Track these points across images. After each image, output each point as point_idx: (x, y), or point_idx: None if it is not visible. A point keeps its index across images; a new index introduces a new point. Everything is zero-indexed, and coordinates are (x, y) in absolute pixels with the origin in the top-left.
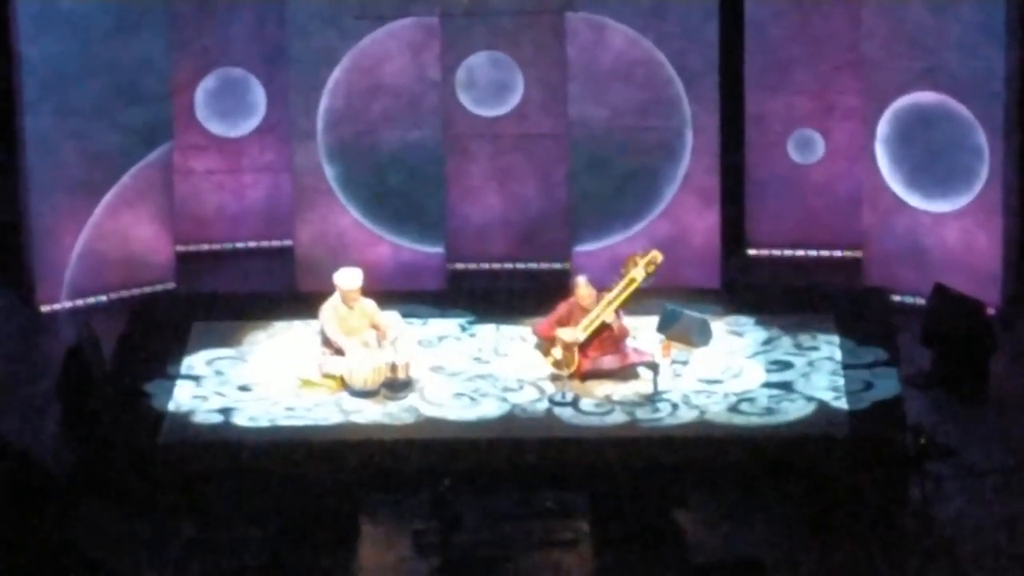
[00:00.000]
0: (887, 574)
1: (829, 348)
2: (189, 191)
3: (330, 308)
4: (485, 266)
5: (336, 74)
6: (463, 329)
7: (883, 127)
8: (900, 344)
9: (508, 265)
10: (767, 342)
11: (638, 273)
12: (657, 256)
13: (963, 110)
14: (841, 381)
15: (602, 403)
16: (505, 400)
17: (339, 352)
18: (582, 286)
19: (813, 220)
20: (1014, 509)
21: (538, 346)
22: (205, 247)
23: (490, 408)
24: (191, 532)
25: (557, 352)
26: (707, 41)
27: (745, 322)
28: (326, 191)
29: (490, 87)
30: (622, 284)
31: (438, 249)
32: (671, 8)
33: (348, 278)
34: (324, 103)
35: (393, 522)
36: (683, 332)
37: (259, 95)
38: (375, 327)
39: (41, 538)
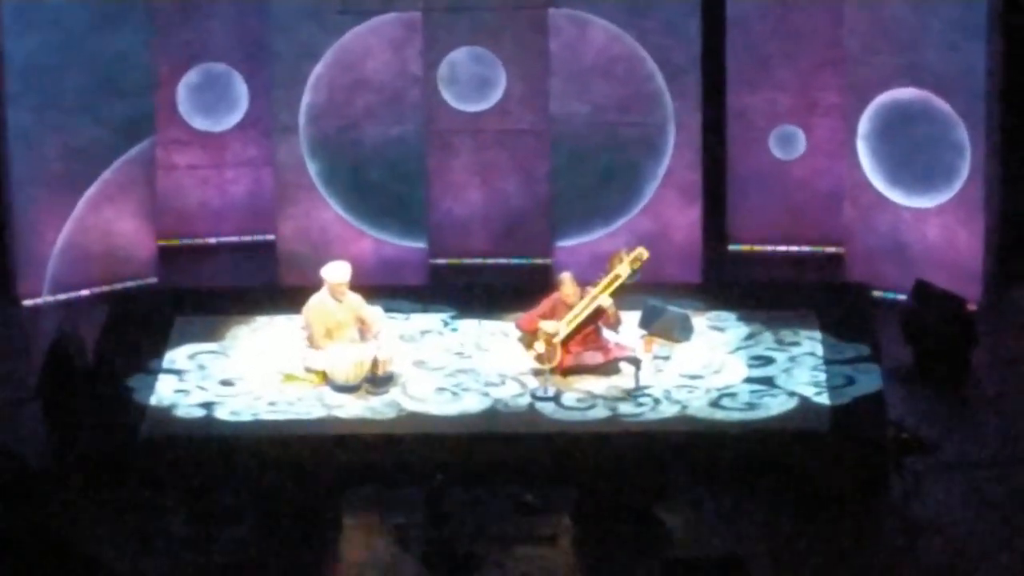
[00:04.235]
0: (867, 568)
1: (811, 344)
2: (171, 186)
3: (316, 305)
4: (467, 261)
5: (318, 69)
6: (445, 324)
7: (864, 123)
8: (881, 340)
9: (490, 260)
10: (749, 337)
11: (623, 269)
12: (643, 253)
13: (944, 106)
14: (823, 376)
15: (584, 398)
16: (487, 395)
17: (319, 347)
18: (567, 282)
19: (795, 216)
20: (994, 504)
21: (521, 339)
22: (187, 242)
23: (472, 403)
24: (172, 527)
25: (539, 346)
26: (689, 37)
27: (727, 318)
28: (308, 186)
29: (472, 82)
30: (607, 280)
31: (420, 244)
32: (653, 4)
33: (336, 271)
34: (306, 98)
35: (375, 516)
36: (665, 328)
37: (241, 90)
38: (361, 322)
39: (22, 533)
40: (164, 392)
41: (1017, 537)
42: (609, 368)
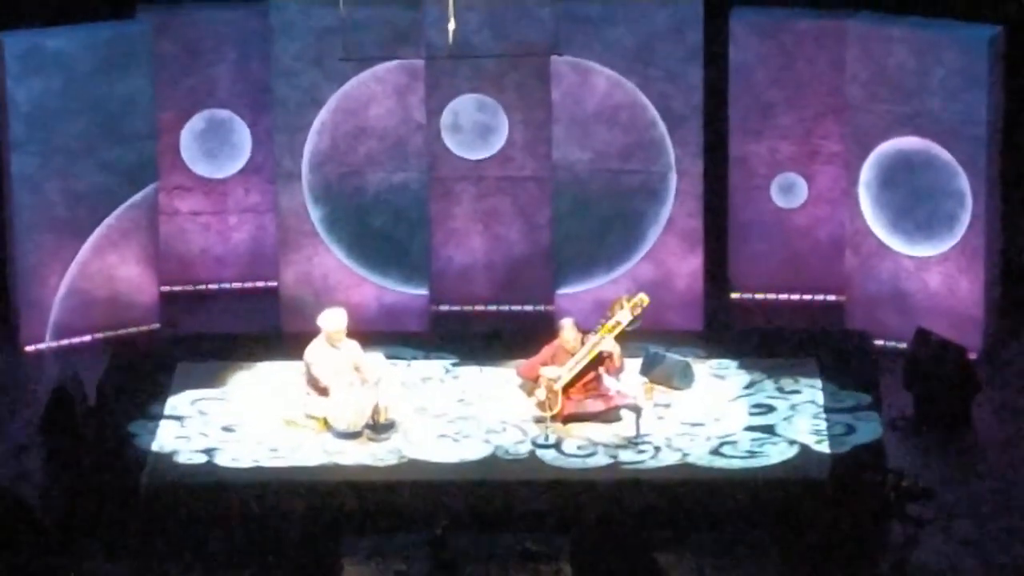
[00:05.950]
0: None
1: (811, 392)
2: (174, 232)
3: (316, 349)
4: (469, 308)
5: (321, 116)
6: (446, 371)
7: (866, 172)
8: (882, 388)
9: (492, 307)
10: (749, 385)
11: (624, 316)
12: (644, 299)
13: (946, 155)
14: (823, 425)
15: (585, 445)
16: (488, 442)
17: (324, 393)
18: (568, 328)
19: (796, 264)
20: (994, 552)
21: (522, 387)
22: (190, 288)
23: (473, 450)
24: (173, 573)
25: (541, 393)
26: (691, 85)
27: (728, 365)
28: (311, 232)
29: (475, 130)
30: (607, 326)
31: (422, 291)
32: (655, 52)
33: (333, 320)
34: (309, 145)
35: (376, 563)
36: (666, 375)
37: (244, 136)
38: (358, 369)
39: None
40: (165, 438)
41: None
42: (610, 415)
